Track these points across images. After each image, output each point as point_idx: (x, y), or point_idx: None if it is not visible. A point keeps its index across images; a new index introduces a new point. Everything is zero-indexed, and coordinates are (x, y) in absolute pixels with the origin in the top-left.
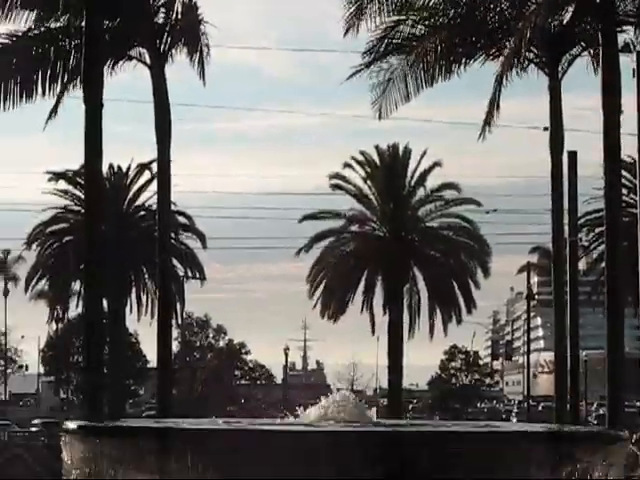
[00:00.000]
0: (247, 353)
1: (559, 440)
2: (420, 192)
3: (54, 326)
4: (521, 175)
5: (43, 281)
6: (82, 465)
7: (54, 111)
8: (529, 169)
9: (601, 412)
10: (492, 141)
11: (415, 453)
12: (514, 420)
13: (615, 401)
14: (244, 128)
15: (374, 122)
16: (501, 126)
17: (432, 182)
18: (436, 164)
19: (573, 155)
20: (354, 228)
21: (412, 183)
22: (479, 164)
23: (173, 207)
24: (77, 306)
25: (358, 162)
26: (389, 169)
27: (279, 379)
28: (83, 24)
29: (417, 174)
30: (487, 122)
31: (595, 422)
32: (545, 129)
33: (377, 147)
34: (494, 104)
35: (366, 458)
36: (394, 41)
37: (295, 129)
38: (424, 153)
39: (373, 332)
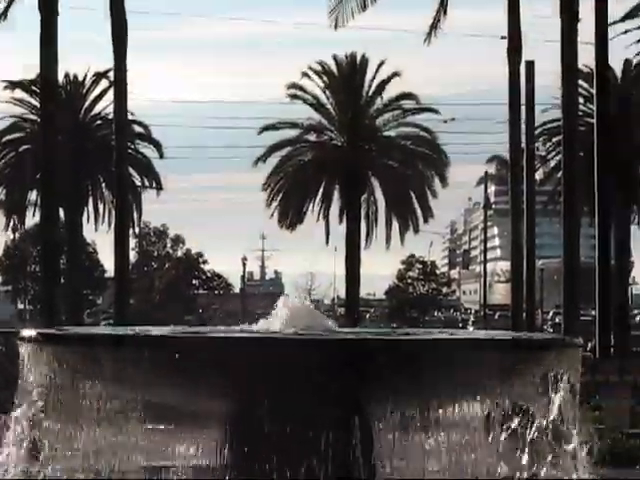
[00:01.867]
0: (205, 263)
1: (516, 347)
2: (378, 102)
3: (11, 235)
4: (480, 85)
5: None
6: (39, 373)
7: (4, 15)
8: (488, 79)
9: (557, 321)
10: (451, 52)
11: (374, 359)
12: (471, 329)
13: (571, 309)
14: (202, 36)
15: (335, 32)
16: (461, 35)
17: (391, 92)
18: (395, 74)
19: (531, 65)
20: (312, 138)
21: (370, 93)
22: (438, 74)
23: (130, 116)
24: (34, 215)
25: (316, 72)
26: (347, 78)
27: (237, 289)
28: None
29: (375, 83)
30: (434, 26)
31: (551, 330)
32: (502, 38)
33: (335, 57)
34: (441, 10)
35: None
36: None
37: (255, 38)
38: (382, 63)
39: (327, 242)
